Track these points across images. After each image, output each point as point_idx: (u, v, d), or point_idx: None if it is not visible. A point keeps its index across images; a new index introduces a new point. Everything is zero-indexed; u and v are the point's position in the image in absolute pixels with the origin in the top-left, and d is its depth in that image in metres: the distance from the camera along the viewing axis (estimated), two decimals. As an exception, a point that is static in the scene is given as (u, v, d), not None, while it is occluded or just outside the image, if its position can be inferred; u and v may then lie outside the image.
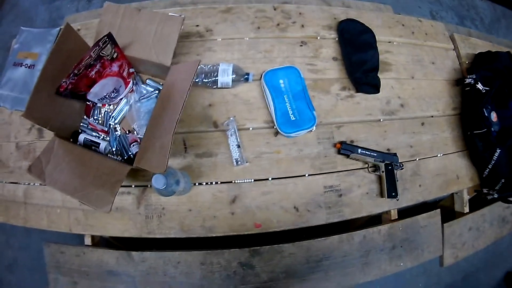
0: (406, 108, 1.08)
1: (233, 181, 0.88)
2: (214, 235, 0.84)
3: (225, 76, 0.93)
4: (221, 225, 0.82)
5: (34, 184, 0.92)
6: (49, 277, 0.90)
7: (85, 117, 0.93)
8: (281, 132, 0.90)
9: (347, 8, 1.21)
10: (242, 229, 0.85)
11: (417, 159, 1.03)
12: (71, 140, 0.89)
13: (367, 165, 0.97)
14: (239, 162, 0.88)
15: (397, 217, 1.04)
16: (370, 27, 1.13)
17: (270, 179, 0.90)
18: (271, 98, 0.93)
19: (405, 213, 1.08)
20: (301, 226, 0.88)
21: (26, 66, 1.04)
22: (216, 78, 0.93)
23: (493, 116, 1.13)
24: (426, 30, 1.25)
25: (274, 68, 0.99)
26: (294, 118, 0.91)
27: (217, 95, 0.97)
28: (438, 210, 1.15)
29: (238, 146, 0.89)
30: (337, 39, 1.12)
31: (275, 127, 0.92)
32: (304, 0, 1.26)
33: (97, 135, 0.90)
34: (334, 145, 0.95)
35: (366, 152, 0.94)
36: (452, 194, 1.27)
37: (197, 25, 1.08)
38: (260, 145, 0.92)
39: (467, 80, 1.13)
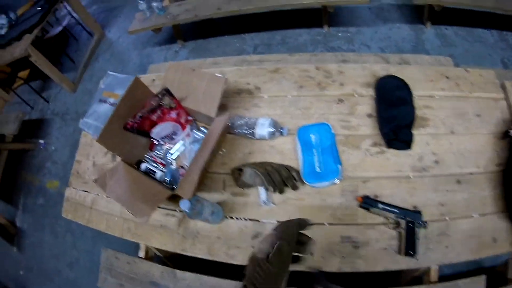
0: (440, 164, 1.19)
1: (259, 220, 1.12)
2: (234, 262, 1.07)
3: (262, 129, 1.21)
4: (242, 255, 1.08)
5: (101, 195, 1.32)
6: (100, 275, 1.27)
7: (149, 151, 1.30)
8: (305, 182, 1.11)
9: (387, 65, 1.36)
10: None
11: (448, 219, 1.11)
12: (135, 166, 1.25)
13: (388, 220, 1.08)
14: (265, 204, 1.12)
15: (437, 280, 1.11)
16: (408, 82, 1.29)
17: None
18: (301, 151, 1.17)
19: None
20: (312, 270, 1.04)
21: (109, 103, 1.47)
22: (254, 130, 1.21)
23: None
24: (473, 80, 1.35)
25: (308, 124, 1.23)
26: (319, 170, 1.13)
27: (256, 145, 1.25)
28: (483, 276, 1.18)
29: (267, 189, 1.12)
30: (374, 96, 1.28)
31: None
32: (362, 54, 1.41)
33: (156, 166, 1.26)
34: (356, 199, 1.10)
35: (387, 208, 1.08)
36: (508, 259, 1.27)
37: (248, 83, 1.38)
38: (287, 191, 1.15)
39: (511, 131, 1.16)
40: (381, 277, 1.22)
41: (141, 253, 1.27)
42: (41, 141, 3.25)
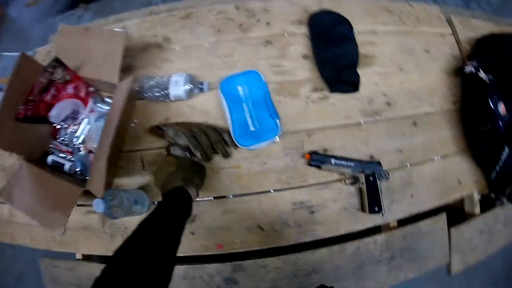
0: (393, 106, 1.10)
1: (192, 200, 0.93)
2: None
3: (177, 88, 1.00)
4: (182, 245, 0.88)
5: None
6: (47, 290, 1.06)
7: (53, 140, 1.05)
8: (239, 145, 0.95)
9: (320, -1, 1.24)
10: (204, 250, 0.92)
11: (408, 166, 1.04)
12: (40, 163, 1.00)
13: (344, 176, 1.00)
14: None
15: (396, 225, 1.06)
16: (347, 17, 1.16)
17: (230, 196, 0.95)
18: (228, 108, 0.98)
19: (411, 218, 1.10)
20: (269, 247, 0.92)
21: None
22: (167, 91, 1.00)
23: (501, 108, 1.10)
24: (418, 15, 1.29)
25: (233, 75, 1.04)
26: (253, 129, 0.96)
27: (173, 108, 1.04)
28: (444, 214, 1.16)
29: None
30: (308, 34, 1.16)
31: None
32: None
33: (64, 156, 1.03)
34: (303, 156, 0.99)
35: (341, 162, 0.97)
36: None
37: (155, 35, 1.17)
38: (218, 160, 0.98)
39: (467, 69, 1.14)
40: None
41: (78, 255, 1.08)
42: None
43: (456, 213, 1.26)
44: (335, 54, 1.08)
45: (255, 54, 1.12)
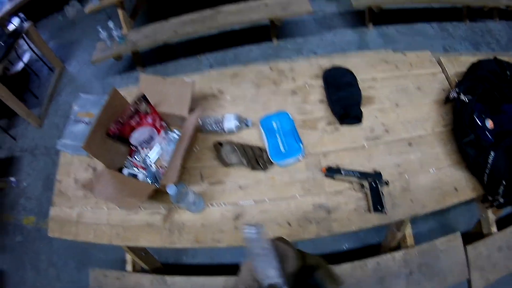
0: (391, 132, 1.45)
1: (237, 203, 1.32)
2: (220, 246, 1.25)
3: (229, 123, 1.47)
4: (227, 237, 1.25)
5: (86, 208, 1.48)
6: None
7: (129, 157, 1.51)
8: (273, 161, 1.35)
9: (332, 58, 1.69)
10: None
11: (407, 176, 1.34)
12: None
13: (352, 184, 1.33)
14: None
15: (413, 243, 1.32)
16: (352, 70, 1.59)
17: (267, 200, 1.32)
18: (265, 137, 1.41)
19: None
20: (295, 239, 1.24)
21: (84, 122, 1.74)
22: (222, 125, 1.47)
23: (489, 124, 1.36)
24: (411, 61, 1.68)
25: (269, 115, 1.48)
26: (284, 150, 1.37)
27: (226, 139, 1.48)
28: (458, 233, 1.39)
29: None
30: (323, 85, 1.59)
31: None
32: (309, 57, 1.76)
33: (137, 170, 1.47)
34: (321, 170, 1.35)
35: (349, 173, 1.32)
36: (479, 219, 1.53)
37: (211, 88, 1.69)
38: (259, 174, 1.37)
39: (451, 95, 1.46)
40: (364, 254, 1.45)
41: (128, 267, 1.43)
42: (12, 179, 3.38)
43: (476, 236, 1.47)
44: (342, 97, 1.50)
45: (285, 100, 1.58)
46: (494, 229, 1.47)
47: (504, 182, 1.25)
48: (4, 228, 3.01)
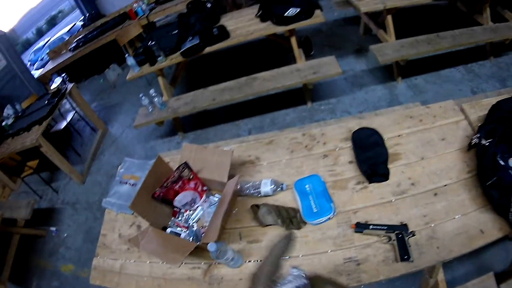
0: (416, 185, 1.81)
1: None
2: None
3: (265, 188, 1.93)
4: None
5: (129, 261, 1.94)
6: None
7: (172, 218, 2.00)
8: (306, 221, 1.78)
9: (360, 120, 2.14)
10: None
11: (432, 225, 1.67)
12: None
13: (380, 237, 1.70)
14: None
15: (446, 286, 1.64)
16: (378, 129, 2.03)
17: (300, 256, 1.72)
18: (299, 199, 1.85)
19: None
20: None
21: (129, 184, 2.29)
22: (259, 189, 1.93)
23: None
24: (435, 113, 2.09)
25: (302, 178, 1.94)
26: (316, 210, 1.79)
27: (263, 201, 1.93)
28: (491, 273, 1.69)
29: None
30: (351, 146, 2.02)
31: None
32: (341, 119, 2.22)
33: (180, 230, 1.93)
34: (351, 226, 1.74)
35: (377, 227, 1.70)
36: None
37: (249, 155, 2.18)
38: (293, 232, 1.75)
39: (473, 141, 1.80)
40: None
41: None
42: (53, 228, 4.16)
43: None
44: (369, 156, 1.92)
45: (317, 164, 2.04)
46: None
47: None
48: (42, 273, 3.69)
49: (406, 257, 1.58)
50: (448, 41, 3.74)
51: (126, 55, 4.13)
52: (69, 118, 5.31)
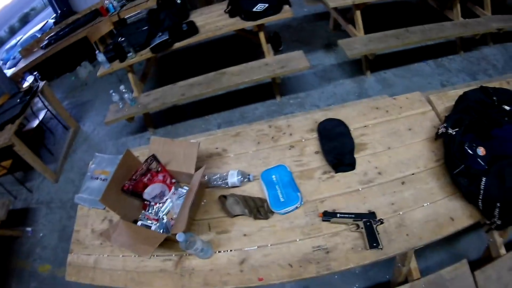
0: (383, 174, 1.80)
1: (242, 249, 1.69)
2: (227, 287, 1.60)
3: (232, 179, 1.89)
4: (233, 280, 1.61)
5: (102, 255, 1.89)
6: None
7: (143, 211, 1.94)
8: (274, 211, 1.74)
9: (326, 111, 2.11)
10: (249, 282, 1.60)
11: (401, 213, 1.66)
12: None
13: (348, 225, 1.67)
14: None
15: (419, 276, 1.62)
16: (344, 120, 1.99)
17: (269, 245, 1.68)
18: (266, 189, 1.81)
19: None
20: (296, 279, 1.58)
21: (101, 179, 2.23)
22: (227, 180, 1.89)
23: (480, 151, 1.65)
24: (401, 104, 2.08)
25: (268, 168, 1.89)
26: (283, 200, 1.75)
27: (230, 192, 1.88)
28: (464, 260, 1.67)
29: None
30: (317, 137, 1.99)
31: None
32: (308, 111, 2.19)
33: (150, 222, 1.89)
34: (318, 215, 1.71)
35: (344, 215, 1.67)
36: (487, 245, 1.82)
37: (217, 148, 2.13)
38: (261, 222, 1.75)
39: (440, 131, 1.81)
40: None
41: None
42: (29, 229, 4.03)
43: (486, 261, 1.74)
44: (335, 146, 1.89)
45: (283, 155, 2.00)
46: (503, 251, 1.72)
47: (498, 205, 1.50)
48: (19, 275, 3.57)
49: (375, 244, 1.57)
50: (418, 35, 3.75)
51: (97, 51, 4.02)
52: (41, 116, 5.16)
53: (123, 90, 3.95)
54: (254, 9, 3.70)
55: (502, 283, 1.59)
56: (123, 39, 3.89)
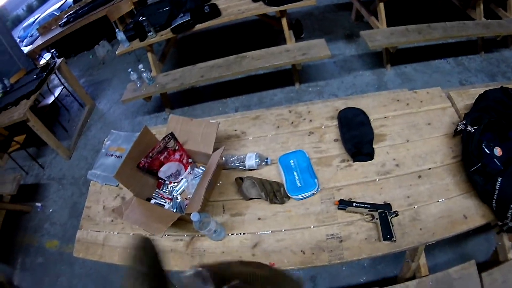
0: (401, 166, 1.79)
1: (256, 232, 1.70)
2: None
3: (250, 161, 1.89)
4: None
5: (112, 232, 1.91)
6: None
7: (157, 189, 1.95)
8: (290, 196, 1.74)
9: (346, 100, 2.10)
10: None
11: (415, 207, 1.65)
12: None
13: (363, 215, 1.67)
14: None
15: (428, 273, 1.62)
16: (365, 110, 1.98)
17: (283, 230, 1.69)
18: (283, 173, 1.81)
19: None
20: (308, 266, 1.59)
21: (115, 156, 2.24)
22: (244, 163, 1.89)
23: (497, 151, 1.63)
24: (422, 98, 2.07)
25: (287, 153, 1.89)
26: (300, 185, 1.75)
27: (247, 174, 1.89)
28: (473, 261, 1.67)
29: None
30: (337, 125, 1.98)
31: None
32: (328, 100, 2.17)
33: (164, 201, 1.90)
34: (334, 203, 1.71)
35: (360, 205, 1.66)
36: (495, 248, 1.81)
37: (235, 130, 2.14)
38: (277, 207, 1.75)
39: (458, 127, 1.79)
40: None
41: None
42: (38, 204, 4.09)
43: (493, 264, 1.73)
44: (355, 135, 1.88)
45: (302, 140, 2.00)
46: (510, 255, 1.71)
47: None
48: (26, 249, 3.63)
49: (389, 236, 1.57)
50: (439, 32, 3.70)
51: (117, 30, 4.04)
52: (57, 93, 5.17)
53: (142, 69, 3.96)
54: (278, -6, 3.66)
55: (508, 286, 1.58)
56: (144, 18, 3.90)
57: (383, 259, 2.52)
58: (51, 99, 5.06)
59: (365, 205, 1.66)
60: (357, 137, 1.87)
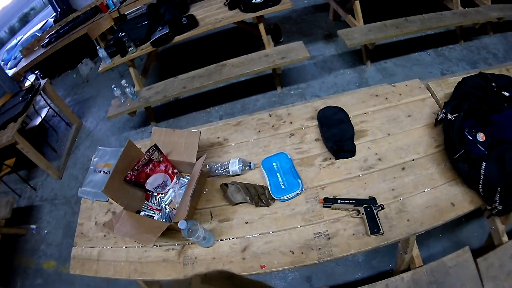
0: (383, 160, 1.81)
1: (244, 236, 1.70)
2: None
3: (234, 167, 1.90)
4: (235, 267, 1.62)
5: (105, 247, 1.91)
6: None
7: (146, 201, 1.96)
8: (275, 197, 1.75)
9: (325, 99, 2.12)
10: (251, 269, 1.61)
11: (401, 199, 1.67)
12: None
13: (349, 211, 1.67)
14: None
15: (422, 264, 1.62)
16: (344, 108, 1.99)
17: (271, 232, 1.69)
18: (267, 176, 1.82)
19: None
20: (298, 266, 1.59)
21: (103, 172, 2.24)
22: (228, 169, 1.90)
23: (480, 137, 1.66)
24: (400, 91, 2.08)
25: (269, 156, 1.90)
26: (284, 187, 1.76)
27: (232, 180, 1.89)
28: (467, 247, 1.68)
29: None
30: (317, 125, 1.99)
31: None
32: (309, 101, 2.19)
33: (153, 212, 1.91)
34: (319, 202, 1.72)
35: (345, 201, 1.67)
36: (489, 233, 1.82)
37: (218, 137, 2.14)
38: (263, 209, 1.76)
39: (439, 117, 1.81)
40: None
41: None
42: (33, 226, 4.06)
43: (488, 249, 1.74)
44: (335, 134, 1.89)
45: (284, 143, 2.01)
46: (505, 238, 1.73)
47: (499, 190, 1.50)
48: (25, 272, 3.61)
49: (376, 229, 1.58)
50: (417, 25, 3.74)
51: (98, 47, 4.04)
52: (43, 114, 5.18)
53: (125, 85, 3.96)
54: (253, 1, 3.69)
55: (505, 270, 1.59)
56: (123, 34, 3.90)
57: (377, 254, 2.54)
58: (38, 121, 5.06)
59: (350, 201, 1.67)
60: (338, 135, 1.88)
